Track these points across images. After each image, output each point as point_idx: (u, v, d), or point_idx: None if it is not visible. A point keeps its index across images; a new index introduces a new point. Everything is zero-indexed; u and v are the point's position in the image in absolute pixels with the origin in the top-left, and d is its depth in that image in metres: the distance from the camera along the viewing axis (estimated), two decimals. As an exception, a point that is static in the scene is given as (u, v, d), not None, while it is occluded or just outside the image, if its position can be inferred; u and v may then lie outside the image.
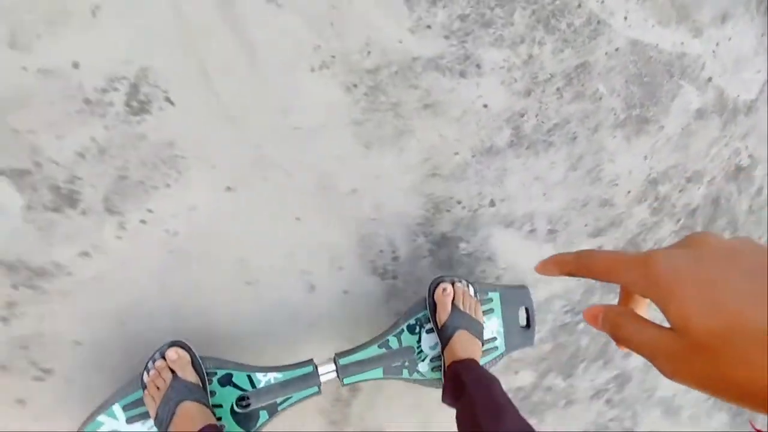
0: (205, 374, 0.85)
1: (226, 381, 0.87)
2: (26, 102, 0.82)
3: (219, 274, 0.95)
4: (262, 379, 0.88)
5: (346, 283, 1.03)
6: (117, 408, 0.82)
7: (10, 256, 0.85)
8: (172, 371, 0.82)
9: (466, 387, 0.87)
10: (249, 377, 0.88)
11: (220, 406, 0.86)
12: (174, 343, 0.84)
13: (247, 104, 0.92)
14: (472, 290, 1.02)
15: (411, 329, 0.99)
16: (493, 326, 1.05)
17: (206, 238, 0.93)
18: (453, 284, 0.99)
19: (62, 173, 0.85)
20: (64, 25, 0.82)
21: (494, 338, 1.05)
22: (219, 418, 0.85)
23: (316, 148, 0.96)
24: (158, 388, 0.81)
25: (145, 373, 0.83)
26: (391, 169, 1.02)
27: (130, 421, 0.83)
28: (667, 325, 0.27)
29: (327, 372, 0.90)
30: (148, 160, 0.88)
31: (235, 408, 0.87)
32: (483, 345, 1.00)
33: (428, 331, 1.00)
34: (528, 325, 1.08)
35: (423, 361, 1.00)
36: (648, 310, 0.32)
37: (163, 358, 0.83)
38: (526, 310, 1.08)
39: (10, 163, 0.82)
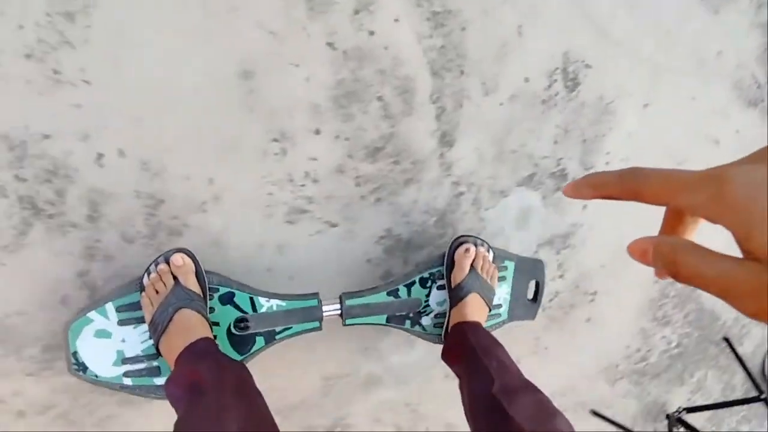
0: (208, 288, 0.81)
1: (228, 300, 0.83)
2: (509, 127, 1.02)
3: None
4: (265, 304, 0.84)
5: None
6: (110, 307, 0.78)
7: (546, 238, 1.11)
8: (175, 277, 0.78)
9: (475, 350, 0.82)
10: (251, 300, 0.84)
11: (217, 324, 0.82)
12: (180, 250, 0.80)
13: (637, 32, 1.08)
14: (491, 256, 0.98)
15: (423, 282, 0.95)
16: (501, 293, 1.02)
17: (647, 152, 1.15)
18: (476, 246, 0.95)
19: (550, 162, 1.07)
20: (507, 54, 0.99)
21: (499, 305, 1.02)
22: (215, 336, 0.80)
23: (687, 37, 1.13)
24: (157, 291, 0.77)
25: (146, 275, 0.79)
26: (737, 20, 1.17)
27: (122, 323, 0.79)
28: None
29: (331, 310, 0.87)
30: (593, 117, 1.08)
31: (233, 329, 0.83)
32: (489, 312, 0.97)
33: (439, 288, 0.96)
34: (535, 298, 1.06)
35: (428, 315, 0.97)
36: (696, 238, 0.27)
37: (167, 263, 0.78)
38: (537, 284, 1.05)
39: (521, 174, 1.05)
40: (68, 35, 0.75)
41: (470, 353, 0.83)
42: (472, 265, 0.93)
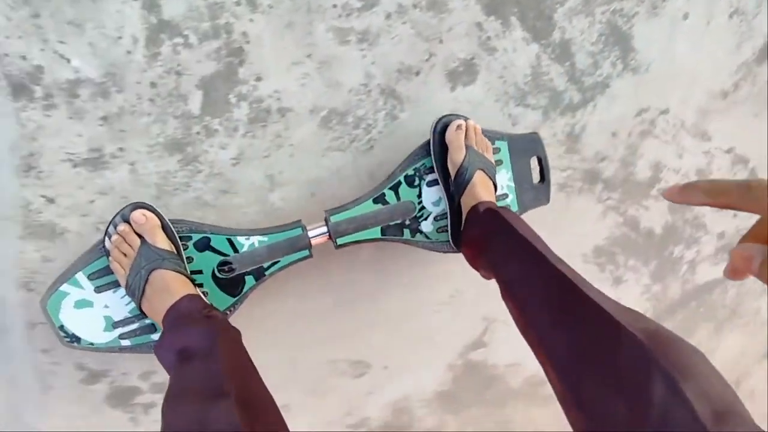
0: (179, 239, 0.75)
1: (204, 246, 0.78)
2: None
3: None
4: (245, 242, 0.79)
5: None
6: (81, 276, 0.74)
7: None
8: (140, 236, 0.72)
9: (505, 220, 0.71)
10: (229, 241, 0.78)
11: (200, 272, 0.78)
12: (138, 206, 0.73)
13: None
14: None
15: (409, 181, 0.85)
16: (502, 180, 0.90)
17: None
18: (465, 121, 0.83)
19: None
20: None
21: (505, 195, 0.90)
22: (200, 285, 0.77)
23: None
24: (125, 255, 0.72)
25: (106, 239, 0.73)
26: None
27: (99, 290, 0.75)
28: None
29: (318, 234, 0.81)
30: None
31: (217, 274, 0.78)
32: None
33: (429, 184, 0.86)
34: (542, 179, 0.92)
35: (425, 219, 0.87)
36: None
37: (127, 222, 0.73)
38: (539, 160, 0.91)
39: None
40: None
41: (503, 225, 0.71)
42: (465, 143, 0.82)
